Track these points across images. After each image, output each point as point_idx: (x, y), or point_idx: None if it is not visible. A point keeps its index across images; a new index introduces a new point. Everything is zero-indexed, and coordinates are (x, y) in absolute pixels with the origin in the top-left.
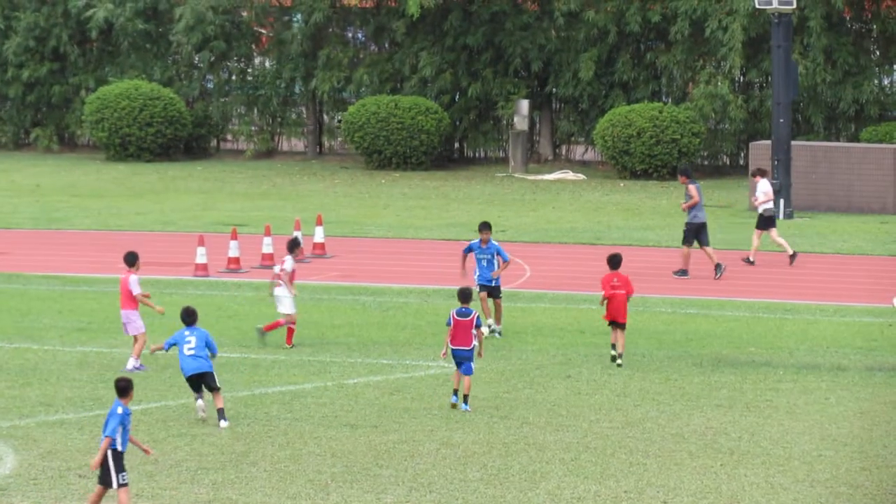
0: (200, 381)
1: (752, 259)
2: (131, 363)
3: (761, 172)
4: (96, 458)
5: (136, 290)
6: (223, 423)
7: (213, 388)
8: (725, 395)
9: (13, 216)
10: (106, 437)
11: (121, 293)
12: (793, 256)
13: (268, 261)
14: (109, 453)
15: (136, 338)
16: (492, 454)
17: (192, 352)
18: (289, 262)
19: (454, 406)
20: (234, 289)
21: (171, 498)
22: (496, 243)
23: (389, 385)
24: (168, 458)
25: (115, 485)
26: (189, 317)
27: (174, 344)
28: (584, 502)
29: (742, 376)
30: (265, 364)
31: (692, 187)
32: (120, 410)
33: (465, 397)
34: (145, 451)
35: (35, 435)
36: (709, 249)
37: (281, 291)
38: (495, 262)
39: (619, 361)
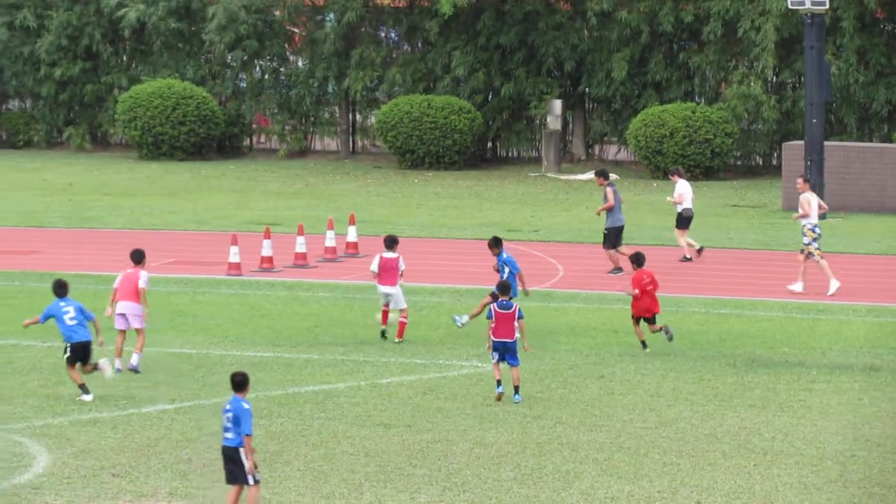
0: (83, 351)
1: (688, 256)
2: (136, 359)
3: (679, 173)
4: (250, 461)
5: (143, 284)
6: (86, 397)
7: (87, 362)
8: (759, 395)
9: (46, 215)
10: (247, 435)
11: (124, 287)
12: (700, 250)
13: (301, 260)
14: (244, 450)
15: (139, 331)
16: (525, 454)
17: (75, 321)
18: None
19: (499, 398)
20: (267, 288)
21: (204, 497)
22: (505, 255)
23: (423, 384)
24: (201, 457)
25: (251, 481)
26: (61, 289)
27: (51, 316)
28: (617, 502)
29: (775, 376)
30: (298, 363)
31: (609, 190)
32: (246, 406)
33: (516, 388)
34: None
35: (68, 434)
36: (618, 251)
37: (394, 290)
38: (503, 273)
39: (670, 332)
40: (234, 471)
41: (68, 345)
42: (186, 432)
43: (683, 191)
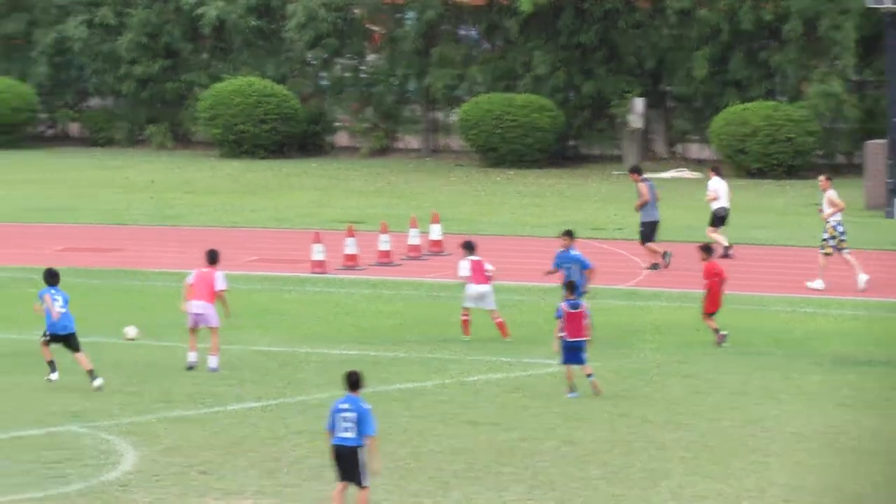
0: (65, 340)
1: (730, 253)
2: (214, 361)
3: (715, 170)
4: (377, 462)
5: (223, 286)
6: (97, 382)
7: (77, 349)
8: (846, 393)
9: (128, 212)
10: (373, 436)
11: (198, 286)
12: (727, 249)
13: (385, 258)
14: (360, 452)
15: (213, 331)
16: (612, 452)
17: (63, 310)
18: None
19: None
20: (351, 286)
21: (292, 494)
22: (576, 252)
23: (509, 383)
24: (288, 455)
25: (364, 482)
26: (52, 277)
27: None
28: (705, 501)
29: (862, 375)
30: (384, 361)
31: (643, 185)
32: (366, 406)
33: (590, 374)
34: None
35: (155, 431)
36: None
37: (487, 287)
38: (575, 271)
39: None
40: (349, 469)
41: (50, 333)
42: (273, 430)
43: (715, 188)
